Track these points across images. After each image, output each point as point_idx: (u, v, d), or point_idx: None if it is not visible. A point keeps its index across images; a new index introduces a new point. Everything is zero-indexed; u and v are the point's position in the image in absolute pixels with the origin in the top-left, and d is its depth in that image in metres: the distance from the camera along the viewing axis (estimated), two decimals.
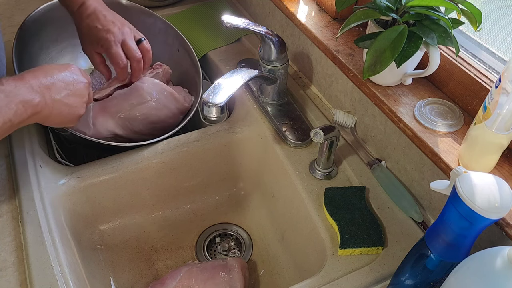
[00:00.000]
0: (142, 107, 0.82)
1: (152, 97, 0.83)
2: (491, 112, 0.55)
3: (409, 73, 0.71)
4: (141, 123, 0.83)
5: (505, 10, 0.68)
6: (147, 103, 0.82)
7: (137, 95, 0.82)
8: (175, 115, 0.87)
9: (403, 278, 0.59)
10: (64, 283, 0.63)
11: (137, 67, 0.79)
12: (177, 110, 0.87)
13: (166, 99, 0.85)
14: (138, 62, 0.79)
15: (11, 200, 0.72)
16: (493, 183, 0.48)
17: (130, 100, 0.81)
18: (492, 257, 0.45)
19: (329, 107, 0.92)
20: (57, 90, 0.63)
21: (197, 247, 0.86)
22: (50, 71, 0.64)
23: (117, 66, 0.77)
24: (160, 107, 0.84)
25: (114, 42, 0.76)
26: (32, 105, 0.59)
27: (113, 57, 0.76)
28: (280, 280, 0.80)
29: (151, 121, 0.84)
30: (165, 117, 0.85)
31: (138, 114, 0.82)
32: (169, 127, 0.87)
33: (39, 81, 0.61)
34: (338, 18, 0.87)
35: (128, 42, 0.77)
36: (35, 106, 0.60)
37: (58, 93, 0.63)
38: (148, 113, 0.83)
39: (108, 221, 0.84)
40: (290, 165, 0.81)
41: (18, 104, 0.57)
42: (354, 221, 0.70)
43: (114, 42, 0.76)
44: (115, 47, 0.76)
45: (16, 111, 0.57)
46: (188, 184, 0.89)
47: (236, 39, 1.08)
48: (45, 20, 0.89)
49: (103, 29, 0.76)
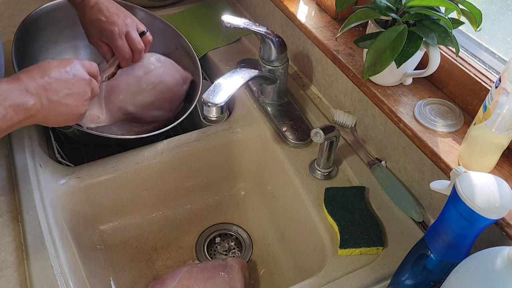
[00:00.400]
0: (149, 77, 0.84)
1: (155, 65, 0.85)
2: (491, 112, 0.55)
3: (409, 73, 0.71)
4: (150, 94, 0.84)
5: (505, 10, 0.68)
6: (152, 72, 0.84)
7: (141, 66, 0.84)
8: (179, 84, 0.89)
9: (403, 278, 0.59)
10: (64, 283, 0.63)
11: (138, 57, 0.83)
12: (180, 79, 0.89)
13: (167, 66, 0.87)
14: (140, 52, 0.82)
15: (11, 200, 0.72)
16: (493, 183, 0.48)
17: (136, 73, 0.83)
18: (492, 257, 0.45)
19: (329, 107, 0.92)
20: (55, 90, 0.60)
21: (197, 247, 0.86)
22: (48, 69, 0.61)
23: (122, 58, 0.80)
24: (164, 75, 0.86)
25: (118, 35, 0.77)
26: (24, 108, 0.56)
27: (118, 49, 0.78)
28: (280, 280, 0.80)
29: (159, 90, 0.85)
30: (171, 85, 0.87)
31: (147, 84, 0.83)
32: (176, 98, 0.88)
33: (35, 82, 0.58)
34: (338, 18, 0.87)
35: (132, 34, 0.79)
36: (29, 109, 0.57)
37: (56, 94, 0.60)
38: (156, 82, 0.84)
39: (108, 221, 0.84)
40: (290, 165, 0.81)
41: (8, 108, 0.54)
42: (354, 221, 0.70)
43: (119, 35, 0.77)
44: (120, 40, 0.77)
45: (4, 115, 0.54)
46: (188, 184, 0.89)
47: (236, 39, 1.08)
48: (45, 20, 0.89)
49: (107, 21, 0.76)
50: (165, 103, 0.87)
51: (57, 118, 0.63)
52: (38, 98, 0.58)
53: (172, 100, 0.88)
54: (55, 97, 0.60)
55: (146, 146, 0.83)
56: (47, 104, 0.59)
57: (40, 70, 0.60)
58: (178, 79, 0.89)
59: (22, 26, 0.83)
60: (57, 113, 0.61)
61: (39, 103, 0.58)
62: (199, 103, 0.89)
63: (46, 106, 0.59)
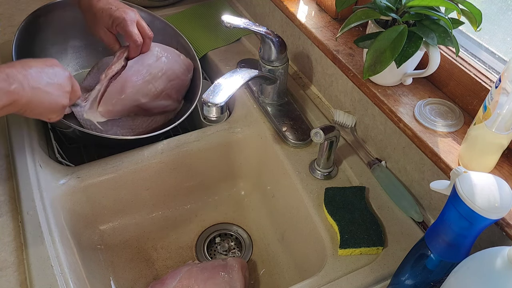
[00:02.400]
0: (158, 64, 0.85)
1: (161, 53, 0.87)
2: (491, 112, 0.55)
3: (409, 73, 0.71)
4: (162, 81, 0.85)
5: (505, 10, 0.68)
6: (160, 59, 0.86)
7: (149, 56, 0.85)
8: (185, 72, 0.90)
9: (403, 278, 0.59)
10: (64, 283, 0.63)
11: (148, 45, 0.85)
12: (185, 66, 0.90)
13: (170, 53, 0.89)
14: (150, 39, 0.84)
15: (11, 200, 0.72)
16: (493, 183, 0.48)
17: (145, 62, 0.84)
18: (492, 257, 0.45)
19: (329, 107, 0.92)
20: (36, 79, 0.61)
21: (197, 247, 0.86)
22: (29, 62, 0.63)
23: (134, 43, 0.81)
24: (171, 61, 0.88)
25: (130, 21, 0.80)
26: (7, 91, 0.57)
27: (131, 35, 0.80)
28: (280, 280, 0.80)
29: (169, 77, 0.86)
30: (179, 73, 0.89)
31: (158, 70, 0.85)
32: (183, 86, 0.90)
33: (16, 70, 0.59)
34: (338, 18, 0.87)
35: (141, 22, 0.83)
36: (11, 93, 0.58)
37: (37, 82, 0.61)
38: (166, 68, 0.86)
39: (108, 221, 0.84)
40: (290, 165, 0.81)
41: None
42: (354, 221, 0.70)
43: (130, 21, 0.80)
44: (132, 26, 0.80)
45: None
46: (188, 184, 0.89)
47: (236, 39, 1.08)
48: (45, 20, 0.89)
49: (118, 9, 0.80)
50: (173, 92, 0.88)
51: (40, 107, 0.63)
52: (20, 83, 0.59)
53: (179, 88, 0.90)
54: (37, 84, 0.61)
55: (146, 146, 0.83)
56: (29, 89, 0.60)
57: (21, 62, 0.62)
58: (183, 67, 0.90)
59: (22, 26, 0.83)
60: (39, 100, 0.62)
61: (21, 88, 0.59)
62: (199, 103, 0.89)
63: (28, 91, 0.60)
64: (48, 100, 0.64)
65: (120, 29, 0.81)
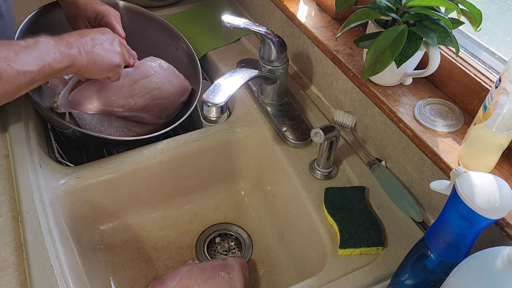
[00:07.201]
0: (145, 82, 0.85)
1: (155, 71, 0.87)
2: (491, 112, 0.55)
3: (409, 73, 0.71)
4: (144, 99, 0.85)
5: (505, 10, 0.68)
6: (150, 77, 0.86)
7: (141, 70, 0.86)
8: (176, 94, 0.89)
9: (403, 278, 0.59)
10: (64, 283, 0.63)
11: None
12: (179, 87, 0.89)
13: (168, 73, 0.88)
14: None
15: (11, 200, 0.72)
16: (493, 183, 0.48)
17: (133, 76, 0.85)
18: (492, 257, 0.45)
19: (329, 107, 0.92)
20: (90, 44, 0.72)
21: (197, 247, 0.86)
22: (85, 32, 0.74)
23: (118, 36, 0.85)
24: (163, 81, 0.87)
25: (114, 17, 0.86)
26: (69, 54, 0.68)
27: (115, 28, 0.85)
28: (280, 280, 0.80)
29: (154, 96, 0.86)
30: (168, 93, 0.87)
31: (140, 89, 0.85)
32: (170, 107, 0.89)
33: (73, 38, 0.70)
34: (338, 18, 0.87)
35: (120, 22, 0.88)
36: (71, 55, 0.68)
37: (91, 46, 0.72)
38: (152, 88, 0.86)
39: (108, 221, 0.84)
40: (290, 165, 0.81)
41: (56, 53, 0.66)
42: (354, 221, 0.70)
43: (114, 17, 0.86)
44: (116, 20, 0.86)
45: (54, 57, 0.66)
46: (188, 184, 0.89)
47: (236, 39, 1.08)
48: (45, 20, 0.89)
49: (103, 5, 0.87)
50: (156, 109, 0.87)
51: (96, 68, 0.73)
52: (77, 49, 0.70)
53: (164, 108, 0.88)
54: (90, 48, 0.72)
55: (146, 146, 0.83)
56: (84, 54, 0.71)
57: (78, 32, 0.73)
58: (177, 88, 0.89)
59: (22, 26, 0.83)
60: (93, 62, 0.72)
61: (78, 53, 0.70)
62: (199, 103, 0.89)
63: (84, 55, 0.71)
64: (101, 61, 0.73)
65: (103, 22, 0.85)
